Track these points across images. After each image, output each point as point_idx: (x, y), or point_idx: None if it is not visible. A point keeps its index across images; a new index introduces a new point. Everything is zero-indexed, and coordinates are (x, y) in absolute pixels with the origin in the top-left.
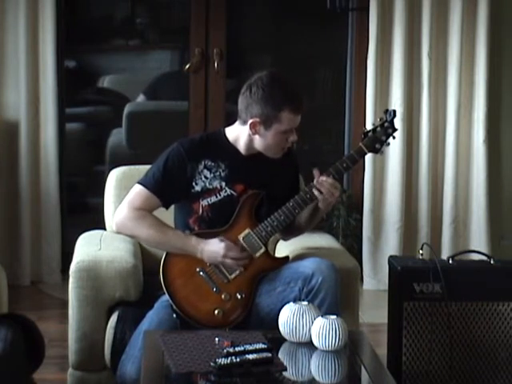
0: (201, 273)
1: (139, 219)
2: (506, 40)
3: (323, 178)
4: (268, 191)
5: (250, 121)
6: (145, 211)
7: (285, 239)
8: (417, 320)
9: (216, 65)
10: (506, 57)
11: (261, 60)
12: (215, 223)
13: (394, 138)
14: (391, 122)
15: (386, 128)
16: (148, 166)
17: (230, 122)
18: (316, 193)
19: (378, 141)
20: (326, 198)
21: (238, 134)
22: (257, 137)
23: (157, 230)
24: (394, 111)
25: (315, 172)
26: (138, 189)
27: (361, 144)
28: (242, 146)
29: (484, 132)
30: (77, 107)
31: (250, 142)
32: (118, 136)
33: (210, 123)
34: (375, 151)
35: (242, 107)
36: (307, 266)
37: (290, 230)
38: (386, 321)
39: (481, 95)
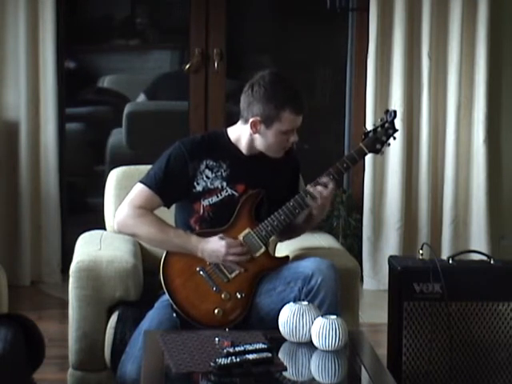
0: (201, 272)
1: (140, 218)
2: (506, 40)
3: (323, 180)
4: (269, 191)
5: (251, 119)
6: (146, 210)
7: (280, 240)
8: (417, 320)
9: (216, 65)
10: (506, 57)
11: (261, 60)
12: (216, 223)
13: (394, 138)
14: (392, 123)
15: (386, 128)
16: (148, 166)
17: (230, 122)
18: (310, 202)
19: (378, 141)
20: (320, 204)
21: (240, 133)
22: (257, 136)
23: (158, 228)
24: (395, 112)
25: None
26: (139, 188)
27: (361, 144)
28: (243, 146)
29: (484, 132)
30: (77, 107)
31: (252, 141)
32: (118, 136)
33: (210, 123)
34: (375, 151)
35: (244, 106)
36: (307, 265)
37: (286, 232)
38: (386, 321)
39: (481, 95)
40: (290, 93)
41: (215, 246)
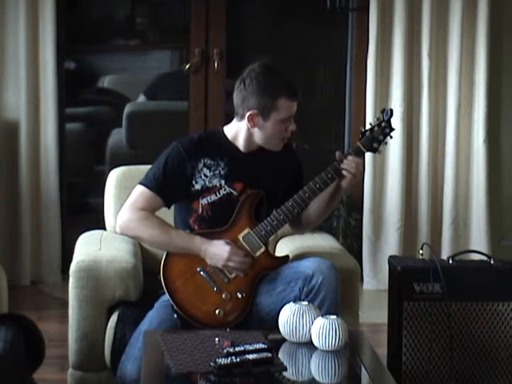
0: (201, 272)
1: (142, 220)
2: (506, 40)
3: (350, 158)
4: (267, 189)
5: (248, 113)
6: (147, 212)
7: (302, 233)
8: (417, 320)
9: (216, 65)
10: (505, 57)
11: (261, 60)
12: (215, 222)
13: (391, 137)
14: (388, 122)
15: (383, 127)
16: (148, 166)
17: (228, 121)
18: (345, 173)
19: (375, 140)
20: (356, 175)
21: (237, 130)
22: (256, 130)
23: (160, 230)
24: (391, 110)
25: (337, 154)
26: (139, 190)
27: (358, 143)
28: (241, 143)
29: (484, 132)
30: (77, 107)
31: (250, 137)
32: (118, 136)
33: (210, 123)
34: (373, 150)
35: (238, 102)
36: (307, 265)
37: (300, 224)
38: (386, 321)
39: (481, 95)
40: (283, 80)
41: (219, 249)
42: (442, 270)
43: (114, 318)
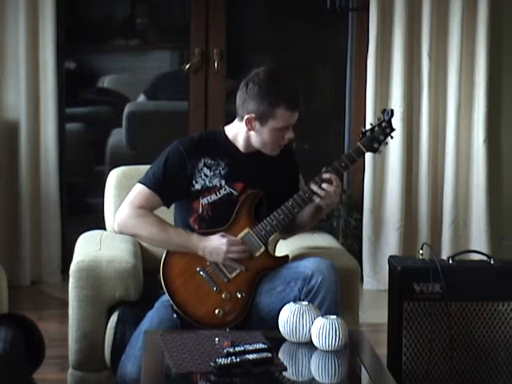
0: (201, 272)
1: (141, 218)
2: (506, 40)
3: (326, 176)
4: (267, 189)
5: (246, 116)
6: (146, 210)
7: (284, 238)
8: (417, 320)
9: (216, 65)
10: (505, 57)
11: (261, 60)
12: (215, 222)
13: (391, 137)
14: (389, 122)
15: (383, 128)
16: (148, 166)
17: (229, 121)
18: (318, 190)
19: (376, 140)
20: (330, 195)
21: (237, 131)
22: (252, 133)
23: (159, 228)
24: (392, 111)
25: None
26: (139, 188)
27: (359, 143)
28: (240, 144)
29: (484, 132)
30: (77, 107)
31: (248, 138)
32: (118, 136)
33: (210, 123)
34: (373, 151)
35: (240, 103)
36: (307, 265)
37: (289, 229)
38: (386, 321)
39: (481, 95)
40: (285, 89)
41: (216, 243)
42: (442, 269)
43: (114, 318)
